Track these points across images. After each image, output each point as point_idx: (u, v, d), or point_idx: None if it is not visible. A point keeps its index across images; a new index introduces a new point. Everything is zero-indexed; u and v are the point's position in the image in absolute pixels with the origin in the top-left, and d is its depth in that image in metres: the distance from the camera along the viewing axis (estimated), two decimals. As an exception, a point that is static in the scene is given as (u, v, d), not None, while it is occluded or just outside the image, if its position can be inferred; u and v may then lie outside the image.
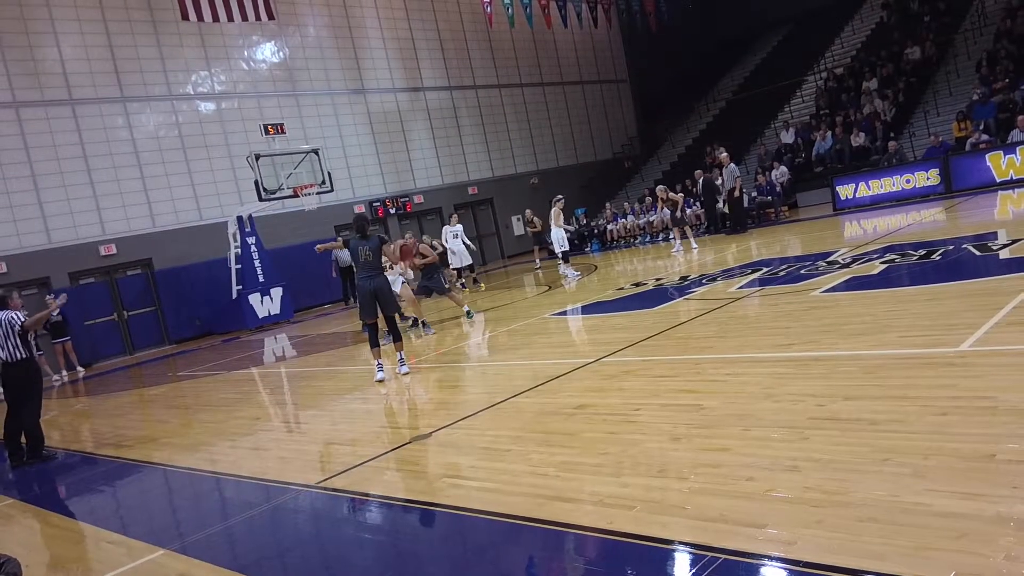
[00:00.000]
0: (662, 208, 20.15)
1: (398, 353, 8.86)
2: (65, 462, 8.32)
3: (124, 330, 19.14)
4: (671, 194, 17.54)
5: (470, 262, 18.42)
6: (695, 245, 16.92)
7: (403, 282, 11.93)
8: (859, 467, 3.65)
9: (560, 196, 17.06)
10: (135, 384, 13.65)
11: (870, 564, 2.80)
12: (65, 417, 11.28)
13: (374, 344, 8.86)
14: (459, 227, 18.32)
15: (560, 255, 16.88)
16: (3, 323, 7.93)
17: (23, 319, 8.02)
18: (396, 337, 8.88)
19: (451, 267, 18.11)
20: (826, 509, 3.30)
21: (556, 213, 16.60)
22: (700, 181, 20.02)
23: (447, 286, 12.21)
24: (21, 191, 17.79)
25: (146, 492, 6.65)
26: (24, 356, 7.96)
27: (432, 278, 12.14)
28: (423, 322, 11.95)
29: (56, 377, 15.79)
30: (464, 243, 18.10)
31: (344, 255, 18.76)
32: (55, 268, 17.33)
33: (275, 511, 5.06)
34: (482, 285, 18.20)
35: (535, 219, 20.23)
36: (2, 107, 17.71)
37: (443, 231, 18.72)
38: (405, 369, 8.77)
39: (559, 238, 16.53)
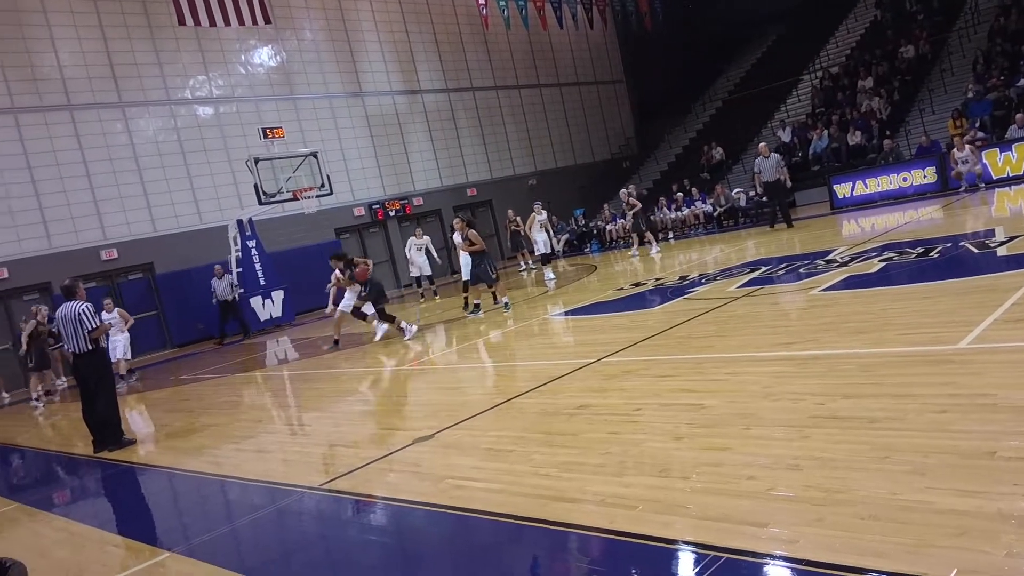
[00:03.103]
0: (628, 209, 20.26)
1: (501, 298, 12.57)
2: (69, 466, 8.35)
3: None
4: (632, 199, 17.76)
5: (429, 273, 18.48)
6: (635, 252, 17.49)
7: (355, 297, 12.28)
8: (859, 465, 3.68)
9: (539, 202, 17.34)
10: (138, 388, 13.67)
11: (872, 562, 2.83)
12: (67, 421, 11.30)
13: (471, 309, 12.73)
14: (425, 239, 18.32)
15: (540, 258, 17.05)
16: (72, 315, 7.90)
17: (92, 313, 7.98)
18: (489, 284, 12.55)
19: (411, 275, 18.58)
20: (827, 507, 3.32)
21: (532, 219, 16.87)
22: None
23: (494, 276, 12.49)
24: (21, 196, 17.82)
25: (150, 495, 6.68)
26: (91, 348, 8.00)
27: (480, 266, 12.36)
28: (477, 304, 12.74)
29: (59, 382, 15.81)
30: (430, 254, 18.18)
31: (220, 287, 18.32)
32: (56, 273, 17.31)
33: (280, 513, 5.08)
34: (438, 298, 17.95)
35: (518, 218, 20.34)
36: (1, 113, 17.73)
37: (408, 242, 18.70)
38: (504, 300, 12.51)
39: (542, 242, 16.73)
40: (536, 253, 17.26)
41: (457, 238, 13.28)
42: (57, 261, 17.92)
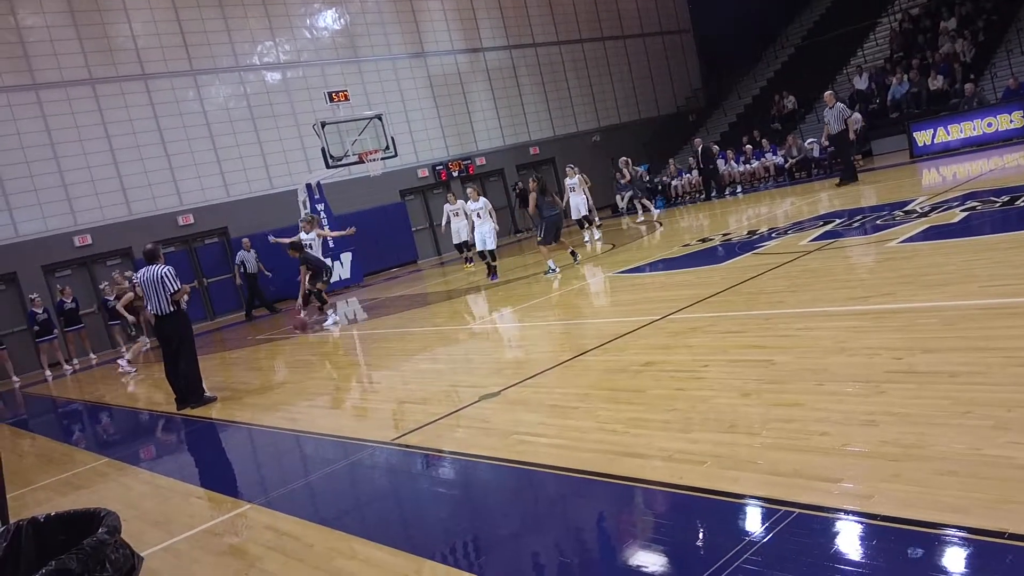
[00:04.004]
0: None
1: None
2: (154, 422, 8.76)
3: (205, 297, 19.86)
4: (627, 170, 17.74)
5: (468, 238, 18.14)
6: (641, 217, 18.51)
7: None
8: (938, 420, 3.57)
9: (572, 164, 17.27)
10: (217, 348, 14.19)
11: (950, 517, 2.75)
12: (151, 380, 11.83)
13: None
14: (460, 203, 17.65)
15: (581, 220, 16.96)
16: (155, 278, 8.21)
17: (173, 276, 8.26)
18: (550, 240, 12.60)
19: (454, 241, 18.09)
20: (904, 463, 3.24)
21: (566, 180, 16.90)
22: (699, 149, 21.19)
23: (540, 237, 12.66)
24: (101, 165, 18.50)
25: (231, 450, 6.97)
26: (173, 310, 8.32)
27: (539, 224, 12.83)
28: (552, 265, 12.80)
29: (145, 341, 16.54)
30: (466, 217, 17.94)
31: (250, 260, 18.09)
32: (136, 239, 18.01)
33: (353, 467, 5.24)
34: (473, 266, 17.51)
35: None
36: (80, 84, 18.36)
37: (443, 210, 18.13)
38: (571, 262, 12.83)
39: (573, 206, 16.63)
40: (575, 217, 17.13)
41: (471, 205, 13.59)
42: (137, 227, 18.60)
